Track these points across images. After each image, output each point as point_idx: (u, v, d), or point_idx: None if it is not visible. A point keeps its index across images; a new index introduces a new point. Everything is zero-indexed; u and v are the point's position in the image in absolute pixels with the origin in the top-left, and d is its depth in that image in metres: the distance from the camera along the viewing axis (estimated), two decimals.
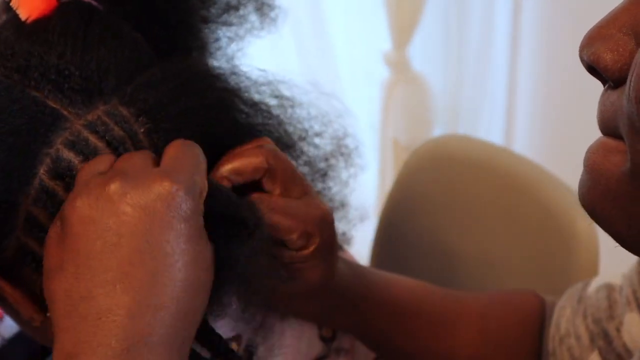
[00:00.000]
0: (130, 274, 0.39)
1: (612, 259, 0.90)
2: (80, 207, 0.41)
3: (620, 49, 0.33)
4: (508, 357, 0.64)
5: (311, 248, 0.51)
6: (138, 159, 0.44)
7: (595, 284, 0.63)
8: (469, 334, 0.64)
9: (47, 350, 0.68)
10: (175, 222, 0.41)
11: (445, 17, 1.65)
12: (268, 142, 0.51)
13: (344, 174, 0.59)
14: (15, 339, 0.65)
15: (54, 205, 0.44)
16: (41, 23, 0.47)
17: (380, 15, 1.54)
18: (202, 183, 0.43)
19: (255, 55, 0.58)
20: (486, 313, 0.65)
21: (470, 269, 0.88)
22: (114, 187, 0.41)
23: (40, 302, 0.47)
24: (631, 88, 0.31)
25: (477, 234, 0.88)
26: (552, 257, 0.81)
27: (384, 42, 1.58)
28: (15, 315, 0.50)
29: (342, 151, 0.59)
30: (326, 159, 0.58)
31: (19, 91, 0.45)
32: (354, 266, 0.60)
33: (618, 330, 0.58)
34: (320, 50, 1.55)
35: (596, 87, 0.35)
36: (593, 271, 0.78)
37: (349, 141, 0.59)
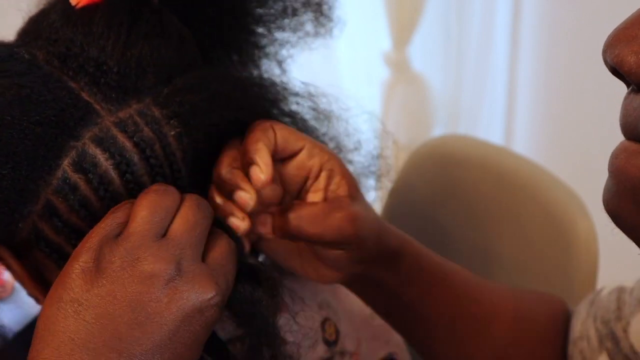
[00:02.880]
0: (138, 356, 0.40)
1: (612, 259, 0.90)
2: (126, 269, 0.41)
3: None
4: (538, 352, 0.63)
5: (348, 243, 0.50)
6: (192, 245, 0.43)
7: (609, 287, 0.62)
8: (503, 325, 0.62)
9: None
10: (201, 330, 0.42)
11: (445, 17, 1.65)
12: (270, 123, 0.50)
13: (371, 195, 0.58)
14: (16, 339, 0.65)
15: (74, 197, 0.45)
16: (89, 11, 0.46)
17: (380, 15, 1.54)
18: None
19: None
20: (520, 304, 0.64)
21: (470, 269, 0.88)
22: (165, 273, 0.41)
23: (46, 284, 0.48)
24: None
25: (477, 234, 0.88)
26: (552, 257, 0.81)
27: (384, 42, 1.58)
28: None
29: (373, 170, 0.58)
30: (357, 177, 0.56)
31: (55, 79, 0.45)
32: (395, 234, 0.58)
33: (625, 331, 0.57)
34: (320, 50, 1.55)
35: (596, 87, 0.35)
36: (593, 271, 0.78)
37: (382, 162, 0.58)
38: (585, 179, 1.04)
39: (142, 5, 0.48)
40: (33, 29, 0.48)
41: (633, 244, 0.36)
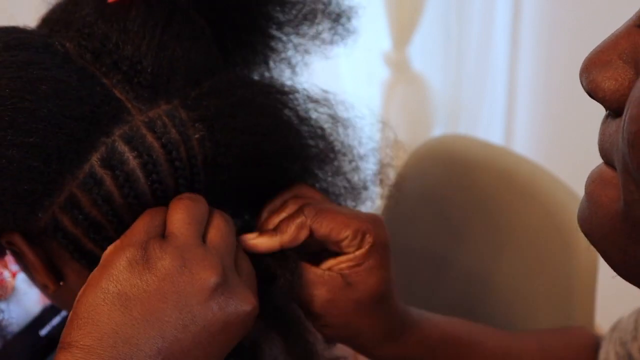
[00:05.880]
0: (175, 355, 0.41)
1: None
2: (177, 267, 0.42)
3: (619, 78, 0.30)
4: None
5: (366, 246, 0.50)
6: (229, 254, 0.46)
7: (631, 311, 0.62)
8: None
9: (47, 350, 0.68)
10: (235, 339, 0.44)
11: (445, 17, 1.65)
12: (304, 191, 0.52)
13: (377, 202, 0.59)
14: (16, 338, 0.65)
15: (99, 192, 0.45)
16: (123, 8, 0.46)
17: (380, 15, 1.54)
18: None
19: None
20: (545, 345, 0.64)
21: (469, 268, 0.88)
22: (214, 282, 0.43)
23: (56, 273, 0.49)
24: (625, 129, 0.29)
25: (476, 234, 0.88)
26: (552, 257, 0.81)
27: (384, 42, 1.58)
28: (33, 279, 0.52)
29: (382, 178, 0.58)
30: (365, 184, 0.57)
31: (89, 74, 0.45)
32: (410, 308, 0.58)
33: None
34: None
35: None
36: (593, 271, 0.78)
37: (390, 171, 0.59)
38: (585, 179, 1.04)
39: (174, 5, 0.48)
40: (63, 18, 0.48)
41: None
